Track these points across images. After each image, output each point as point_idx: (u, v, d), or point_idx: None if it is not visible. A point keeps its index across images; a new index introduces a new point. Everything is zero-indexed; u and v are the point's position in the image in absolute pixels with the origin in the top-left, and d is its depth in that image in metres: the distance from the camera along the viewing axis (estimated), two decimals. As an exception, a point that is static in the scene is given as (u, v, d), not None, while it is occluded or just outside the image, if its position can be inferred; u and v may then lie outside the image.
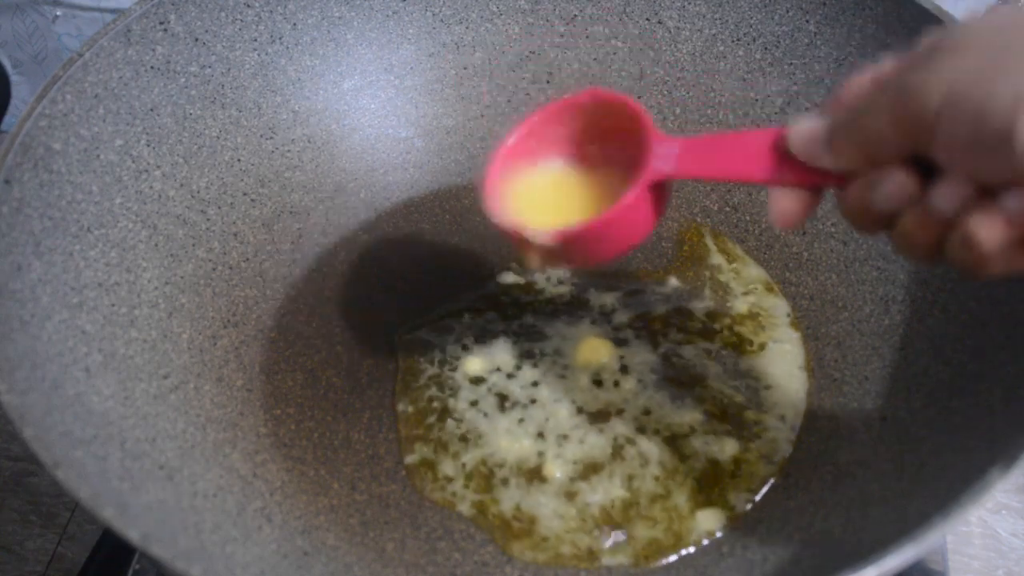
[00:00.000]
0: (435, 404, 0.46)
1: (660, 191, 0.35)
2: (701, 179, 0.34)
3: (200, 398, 0.44)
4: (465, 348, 0.48)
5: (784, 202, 0.32)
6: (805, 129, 0.31)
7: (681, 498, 0.42)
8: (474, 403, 0.46)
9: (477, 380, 0.47)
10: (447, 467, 0.44)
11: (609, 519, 0.42)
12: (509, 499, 0.43)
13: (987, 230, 0.27)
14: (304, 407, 0.47)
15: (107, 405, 0.38)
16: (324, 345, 0.49)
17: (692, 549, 0.41)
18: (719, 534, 0.41)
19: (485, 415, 0.46)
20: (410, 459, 0.44)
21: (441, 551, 0.41)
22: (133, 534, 0.30)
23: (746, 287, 0.51)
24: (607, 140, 0.38)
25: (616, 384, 0.47)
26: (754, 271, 0.52)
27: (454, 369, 0.48)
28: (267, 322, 0.50)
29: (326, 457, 0.45)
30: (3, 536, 0.51)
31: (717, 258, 0.52)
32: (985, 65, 0.26)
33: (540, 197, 0.39)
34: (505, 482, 0.43)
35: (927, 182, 0.29)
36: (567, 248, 0.36)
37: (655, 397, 0.46)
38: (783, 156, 0.32)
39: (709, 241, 0.53)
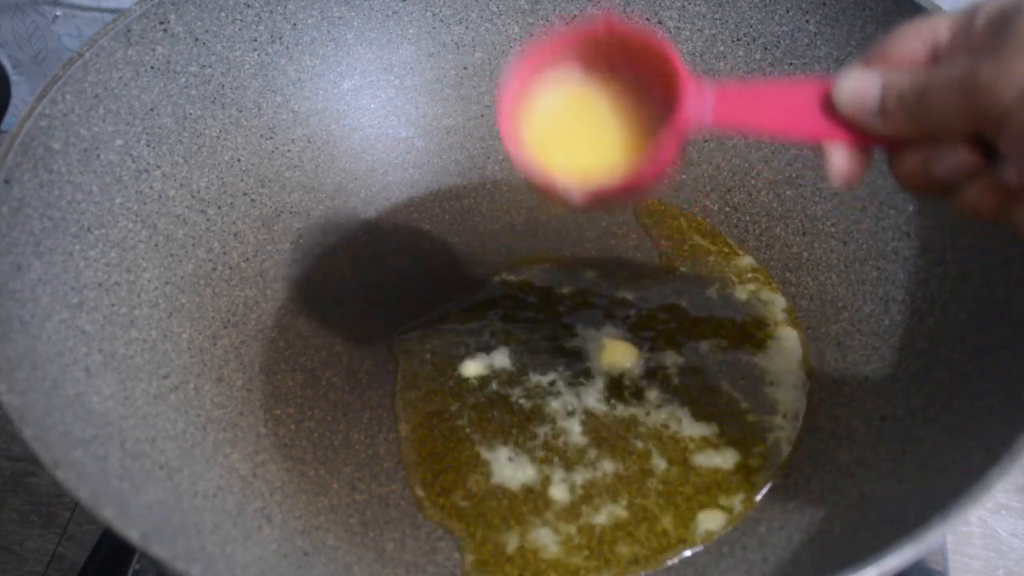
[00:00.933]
0: (434, 420, 0.46)
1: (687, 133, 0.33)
2: (737, 132, 0.32)
3: (200, 398, 0.44)
4: (465, 349, 0.48)
5: (840, 160, 0.31)
6: (854, 88, 0.30)
7: (682, 506, 0.42)
8: (474, 407, 0.46)
9: (477, 383, 0.47)
10: (454, 498, 0.44)
11: (612, 535, 0.42)
12: (511, 541, 0.41)
13: None
14: (304, 407, 0.47)
15: (107, 405, 0.38)
16: (324, 345, 0.49)
17: (692, 549, 0.41)
18: (719, 534, 0.41)
19: (484, 430, 0.46)
20: (418, 492, 0.44)
21: (441, 551, 0.41)
22: (133, 534, 0.30)
23: (745, 287, 0.51)
24: (627, 60, 0.35)
25: (636, 394, 0.46)
26: (754, 271, 0.52)
27: (455, 371, 0.48)
28: (267, 322, 0.50)
29: (326, 457, 0.45)
30: (3, 536, 0.51)
31: (717, 258, 0.52)
32: None
33: (563, 128, 0.36)
34: (506, 521, 0.42)
35: (988, 154, 0.28)
36: (597, 199, 0.34)
37: (673, 410, 0.46)
38: (828, 112, 0.30)
39: (709, 241, 0.53)
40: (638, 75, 0.35)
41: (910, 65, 0.30)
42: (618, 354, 0.47)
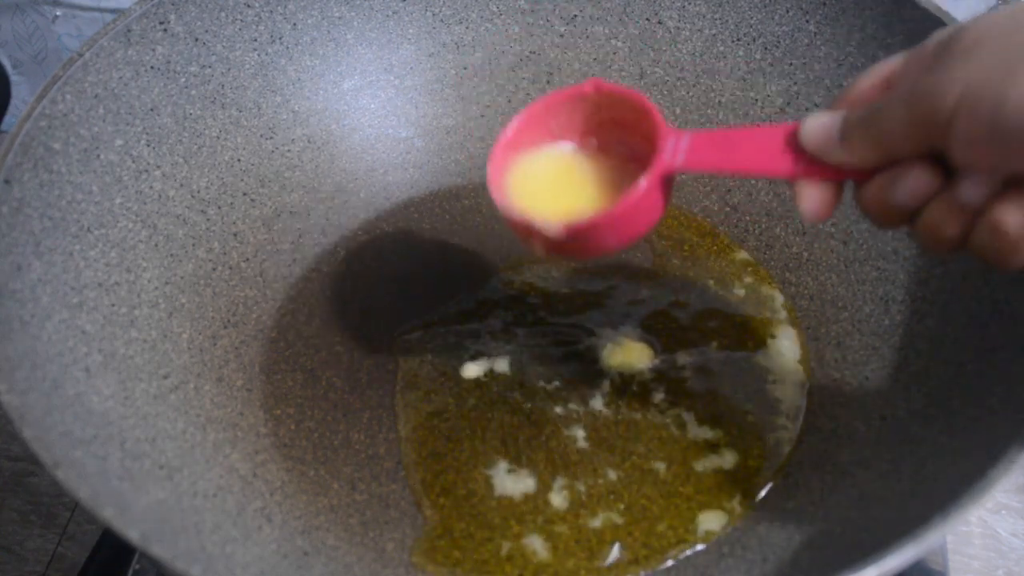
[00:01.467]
0: (434, 420, 0.46)
1: (668, 182, 0.35)
2: (712, 173, 0.33)
3: (200, 398, 0.44)
4: (465, 349, 0.48)
5: (809, 195, 0.32)
6: (818, 125, 0.31)
7: (683, 507, 0.42)
8: (475, 408, 0.46)
9: (478, 384, 0.47)
10: (454, 498, 0.44)
11: (612, 536, 0.42)
12: (511, 542, 0.42)
13: (1014, 216, 0.27)
14: (304, 407, 0.47)
15: (107, 405, 0.38)
16: (324, 345, 0.49)
17: (692, 549, 0.41)
18: (719, 534, 0.41)
19: (484, 431, 0.46)
20: (418, 492, 0.44)
21: (441, 549, 0.41)
22: (133, 534, 0.30)
23: (745, 287, 0.51)
24: (613, 128, 0.38)
25: (636, 396, 0.46)
26: (753, 271, 0.52)
27: (455, 372, 0.48)
28: (267, 322, 0.50)
29: (326, 457, 0.45)
30: (3, 536, 0.51)
31: (717, 258, 0.52)
32: (998, 66, 0.26)
33: (546, 184, 0.38)
34: (506, 521, 0.42)
35: (946, 175, 0.29)
36: (574, 240, 0.35)
37: (674, 411, 0.46)
38: (797, 151, 0.32)
39: (709, 240, 0.53)
40: (622, 139, 0.37)
41: (867, 93, 0.32)
42: (633, 355, 0.47)
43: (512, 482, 0.43)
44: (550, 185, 0.38)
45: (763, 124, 0.33)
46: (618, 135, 0.38)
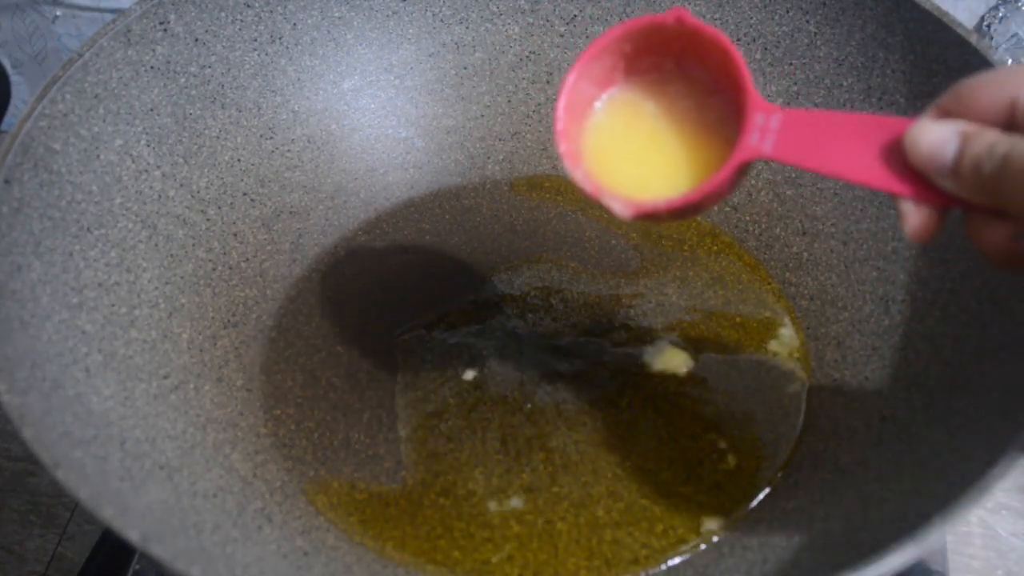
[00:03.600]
0: (434, 420, 0.46)
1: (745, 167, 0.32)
2: (797, 167, 0.30)
3: (200, 398, 0.44)
4: (466, 349, 0.48)
5: (913, 215, 0.28)
6: (929, 141, 0.27)
7: (683, 507, 0.42)
8: (475, 408, 0.46)
9: (477, 384, 0.47)
10: (454, 498, 0.44)
11: (612, 536, 0.42)
12: (511, 541, 0.42)
13: None
14: (304, 407, 0.47)
15: (107, 405, 0.38)
16: (324, 345, 0.49)
17: (692, 549, 0.41)
18: (719, 534, 0.41)
19: (484, 430, 0.46)
20: (418, 492, 0.44)
21: (441, 549, 0.41)
22: (133, 534, 0.30)
23: (745, 287, 0.51)
24: (691, 61, 0.34)
25: (637, 395, 0.46)
26: (753, 271, 0.52)
27: (455, 372, 0.48)
28: (267, 322, 0.50)
29: (326, 457, 0.45)
30: (3, 536, 0.51)
31: (717, 258, 0.52)
32: None
33: (617, 141, 0.35)
34: (506, 521, 0.43)
35: None
36: (643, 216, 0.33)
37: (675, 410, 0.46)
38: (899, 161, 0.28)
39: (709, 241, 0.53)
40: (701, 79, 0.34)
41: (989, 121, 0.27)
42: (673, 361, 0.47)
43: (513, 481, 0.43)
44: (624, 143, 0.35)
45: (862, 115, 0.29)
46: (697, 72, 0.34)
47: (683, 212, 0.33)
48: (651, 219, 0.34)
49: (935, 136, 0.27)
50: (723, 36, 0.32)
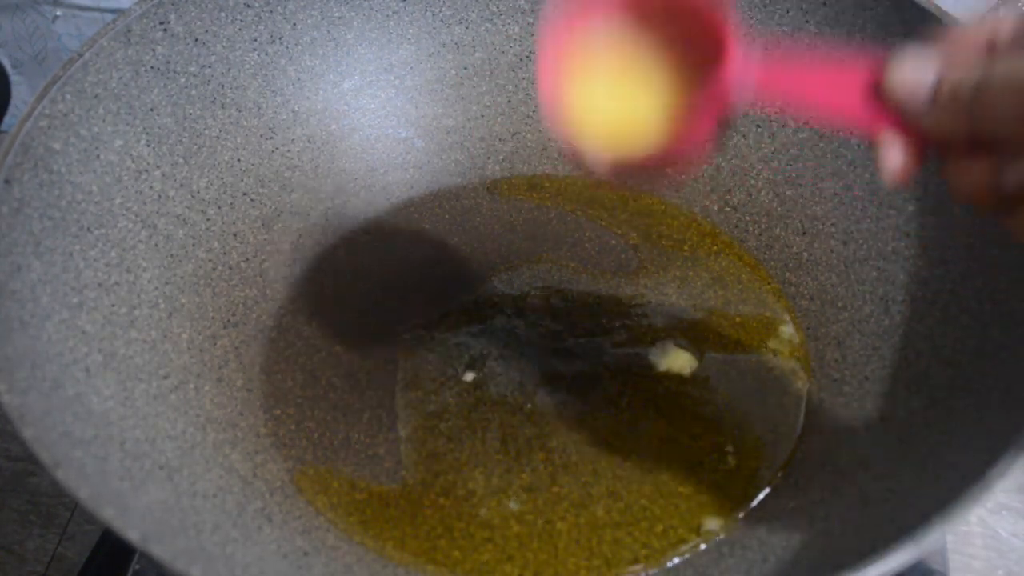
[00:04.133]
0: (434, 420, 0.46)
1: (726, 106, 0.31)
2: (778, 105, 0.30)
3: (200, 398, 0.44)
4: (465, 349, 0.48)
5: (892, 155, 0.28)
6: (906, 77, 0.27)
7: (683, 507, 0.42)
8: (475, 408, 0.46)
9: (477, 384, 0.47)
10: (454, 498, 0.44)
11: (612, 535, 0.42)
12: (511, 541, 0.42)
13: None
14: (304, 407, 0.47)
15: (107, 405, 0.38)
16: (324, 345, 0.49)
17: (692, 549, 0.41)
18: (719, 534, 0.41)
19: (484, 430, 0.46)
20: (418, 492, 0.44)
21: (441, 549, 0.41)
22: (133, 534, 0.30)
23: (745, 287, 0.51)
24: (674, 15, 0.33)
25: (637, 395, 0.46)
26: (753, 271, 0.52)
27: (455, 372, 0.48)
28: (267, 322, 0.50)
29: (326, 457, 0.45)
30: (3, 536, 0.51)
31: (717, 258, 0.52)
32: None
33: (598, 85, 0.34)
34: (506, 521, 0.43)
35: None
36: (623, 168, 0.32)
37: (675, 410, 0.46)
38: (879, 99, 0.28)
39: (709, 241, 0.53)
40: (683, 28, 0.33)
41: (969, 51, 0.27)
42: (678, 362, 0.47)
43: (512, 481, 0.43)
44: (604, 87, 0.34)
45: (842, 55, 0.29)
46: (679, 22, 0.33)
47: (664, 162, 0.32)
48: (630, 172, 0.33)
49: (913, 67, 0.27)
50: None
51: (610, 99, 0.34)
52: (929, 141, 0.28)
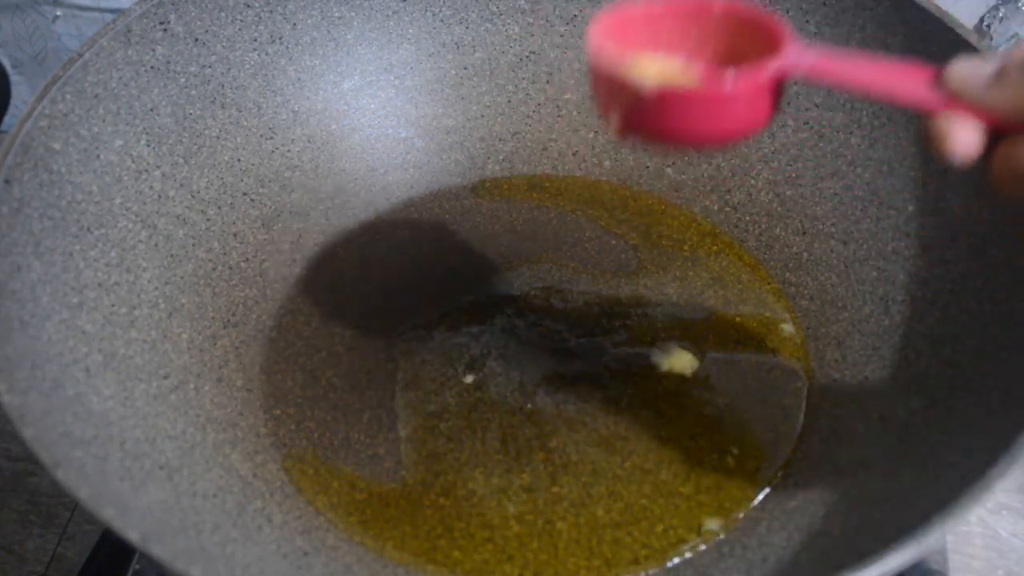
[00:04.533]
0: (434, 420, 0.46)
1: (781, 88, 0.31)
2: (836, 85, 0.31)
3: (200, 398, 0.44)
4: (465, 349, 0.48)
5: (961, 134, 0.28)
6: (968, 63, 0.28)
7: (683, 507, 0.42)
8: (474, 408, 0.46)
9: (477, 384, 0.47)
10: (454, 498, 0.44)
11: (612, 535, 0.42)
12: (511, 541, 0.42)
13: None
14: (304, 407, 0.47)
15: (107, 405, 0.38)
16: (324, 345, 0.49)
17: (692, 549, 0.41)
18: (719, 534, 0.41)
19: (484, 431, 0.46)
20: (417, 492, 0.44)
21: (441, 549, 0.41)
22: (133, 534, 0.30)
23: (745, 286, 0.51)
24: (727, 54, 0.34)
25: (637, 394, 0.46)
26: (753, 271, 0.52)
27: (455, 372, 0.48)
28: (267, 322, 0.50)
29: (326, 457, 0.45)
30: (3, 536, 0.51)
31: (717, 258, 0.52)
32: None
33: (651, 54, 0.34)
34: (506, 522, 0.43)
35: None
36: (664, 112, 0.31)
37: (674, 410, 0.46)
38: (936, 84, 0.29)
39: (709, 241, 0.53)
40: (738, 32, 0.33)
41: None
42: (679, 362, 0.47)
43: (512, 481, 0.43)
44: (656, 56, 0.34)
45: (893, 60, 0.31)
46: (731, 49, 0.33)
47: (707, 115, 0.31)
48: (662, 121, 0.32)
49: (975, 60, 0.28)
50: (764, 11, 0.32)
51: (661, 59, 0.34)
52: (981, 119, 0.28)
